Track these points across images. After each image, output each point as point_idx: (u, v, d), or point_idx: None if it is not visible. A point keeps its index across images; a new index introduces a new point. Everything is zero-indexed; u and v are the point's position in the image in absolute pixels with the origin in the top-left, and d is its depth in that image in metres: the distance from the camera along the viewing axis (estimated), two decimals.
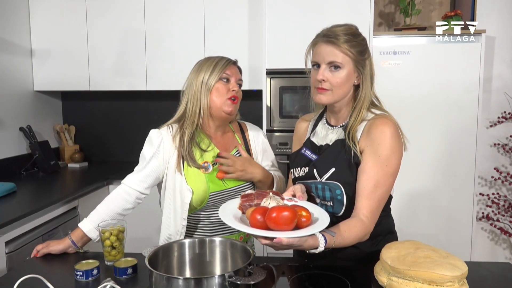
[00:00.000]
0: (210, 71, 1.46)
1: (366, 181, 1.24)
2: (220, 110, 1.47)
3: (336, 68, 1.27)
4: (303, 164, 1.39)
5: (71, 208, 2.40)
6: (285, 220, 1.01)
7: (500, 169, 2.92)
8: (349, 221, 1.21)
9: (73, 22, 3.01)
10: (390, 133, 1.26)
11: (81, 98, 3.40)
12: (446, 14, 2.72)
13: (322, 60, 1.28)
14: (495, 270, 1.30)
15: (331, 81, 1.27)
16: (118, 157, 3.41)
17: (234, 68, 1.51)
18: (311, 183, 1.35)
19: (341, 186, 1.28)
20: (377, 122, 1.28)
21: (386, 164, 1.25)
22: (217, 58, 1.51)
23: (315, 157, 1.37)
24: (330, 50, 1.26)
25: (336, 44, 1.26)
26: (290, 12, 2.62)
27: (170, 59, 2.97)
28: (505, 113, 2.88)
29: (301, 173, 1.38)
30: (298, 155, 1.43)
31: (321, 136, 1.41)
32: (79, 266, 1.23)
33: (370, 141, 1.27)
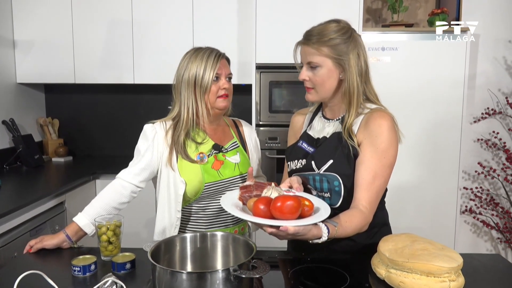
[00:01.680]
0: (202, 70, 1.43)
1: (364, 173, 1.26)
2: (213, 108, 1.48)
3: (315, 68, 1.30)
4: (300, 156, 1.40)
5: (58, 203, 2.35)
6: (290, 209, 1.02)
7: (483, 163, 3.00)
8: (349, 212, 1.24)
9: (58, 12, 2.93)
10: (387, 126, 1.29)
11: (65, 91, 3.33)
12: (432, 12, 2.77)
13: (303, 60, 1.34)
14: (486, 261, 1.33)
15: (312, 80, 1.32)
16: (105, 151, 3.36)
17: (223, 63, 1.49)
18: (309, 175, 1.36)
19: (339, 178, 1.30)
20: (374, 115, 1.31)
21: (384, 156, 1.27)
22: (207, 52, 1.47)
23: (312, 150, 1.39)
24: (306, 51, 1.31)
25: (309, 44, 1.30)
26: (280, 6, 2.63)
27: (158, 53, 2.94)
28: (488, 109, 2.96)
29: (298, 165, 1.39)
30: (294, 148, 1.45)
31: (318, 129, 1.43)
32: (76, 261, 1.21)
33: (368, 134, 1.29)
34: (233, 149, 1.56)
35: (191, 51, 1.50)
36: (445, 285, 1.09)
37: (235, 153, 1.54)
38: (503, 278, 1.22)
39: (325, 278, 1.21)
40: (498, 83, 2.96)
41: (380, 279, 1.17)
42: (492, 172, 2.96)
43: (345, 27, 1.32)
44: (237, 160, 1.53)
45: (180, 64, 1.50)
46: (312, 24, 2.76)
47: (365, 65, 1.33)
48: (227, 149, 1.53)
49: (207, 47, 1.49)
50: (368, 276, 1.20)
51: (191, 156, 1.46)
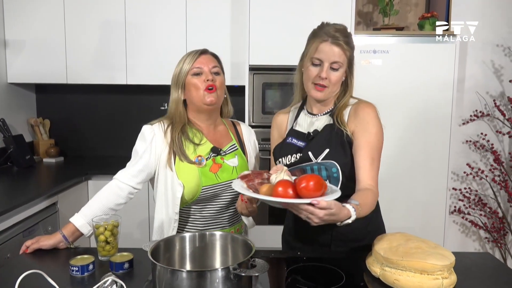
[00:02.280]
0: (180, 67, 1.49)
1: (364, 156, 1.34)
2: (201, 103, 1.48)
3: (337, 68, 1.36)
4: (293, 151, 1.45)
5: (50, 204, 2.34)
6: (316, 187, 1.06)
7: (472, 165, 3.06)
8: (360, 193, 1.29)
9: (50, 12, 2.92)
10: (374, 114, 1.40)
11: (57, 91, 3.31)
12: (423, 15, 2.82)
13: (326, 59, 1.35)
14: (477, 259, 1.37)
15: (330, 79, 1.37)
16: (97, 152, 3.35)
17: (204, 57, 1.50)
18: (306, 166, 1.41)
19: (336, 164, 1.37)
20: (362, 105, 1.42)
21: (377, 139, 1.37)
22: (189, 52, 1.53)
23: (303, 144, 1.44)
24: (336, 51, 1.34)
25: (342, 46, 1.34)
26: (274, 8, 2.65)
27: (151, 53, 2.94)
28: (477, 111, 3.02)
29: (293, 160, 1.44)
30: (284, 145, 1.49)
31: (305, 125, 1.49)
32: (75, 261, 1.22)
33: (358, 121, 1.38)
34: (232, 151, 1.56)
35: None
36: (439, 282, 1.12)
37: (233, 156, 1.55)
38: (493, 276, 1.26)
39: (321, 276, 1.24)
40: (486, 86, 3.02)
41: (375, 277, 1.20)
42: (480, 173, 3.02)
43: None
44: (235, 164, 1.54)
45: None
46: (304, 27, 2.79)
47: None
48: (225, 152, 1.54)
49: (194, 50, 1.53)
50: (363, 275, 1.23)
51: (190, 158, 1.46)
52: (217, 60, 1.54)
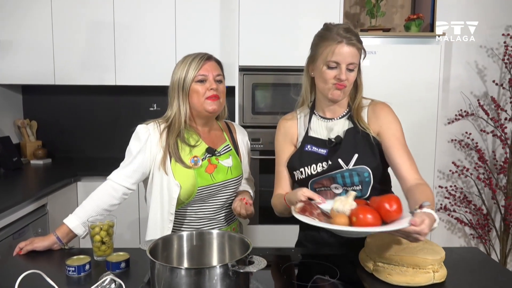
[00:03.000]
0: (184, 73, 1.46)
1: (399, 153, 1.35)
2: (202, 111, 1.48)
3: (352, 69, 1.36)
4: (316, 160, 1.40)
5: (39, 206, 2.32)
6: (398, 207, 1.07)
7: (457, 163, 3.13)
8: (417, 190, 1.27)
9: (37, 12, 2.89)
10: (392, 111, 1.44)
11: (44, 92, 3.27)
12: (409, 17, 2.88)
13: (343, 60, 1.33)
14: (465, 254, 1.41)
15: (349, 80, 1.37)
16: (85, 153, 3.32)
17: (210, 64, 1.48)
18: (336, 174, 1.38)
19: (368, 169, 1.37)
20: (379, 106, 1.45)
21: (403, 135, 1.40)
22: (192, 56, 1.49)
23: (325, 151, 1.41)
24: (351, 52, 1.33)
25: (356, 45, 1.34)
26: (263, 9, 2.67)
27: (140, 54, 2.93)
28: (461, 111, 3.09)
29: (319, 169, 1.39)
30: (303, 154, 1.44)
31: (321, 130, 1.46)
32: (71, 261, 1.22)
33: (382, 122, 1.40)
34: (226, 152, 1.57)
35: (182, 58, 1.51)
36: (430, 276, 1.16)
37: (227, 157, 1.56)
38: (481, 269, 1.30)
39: (316, 273, 1.26)
40: (470, 86, 3.09)
41: (368, 272, 1.23)
42: (466, 171, 3.09)
43: None
44: (230, 164, 1.55)
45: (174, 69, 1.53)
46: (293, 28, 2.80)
47: None
48: (220, 152, 1.55)
49: (197, 52, 1.51)
50: (357, 270, 1.26)
51: (185, 160, 1.46)
52: (220, 67, 1.53)
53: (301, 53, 2.64)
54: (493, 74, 3.07)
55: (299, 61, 2.75)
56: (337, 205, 1.13)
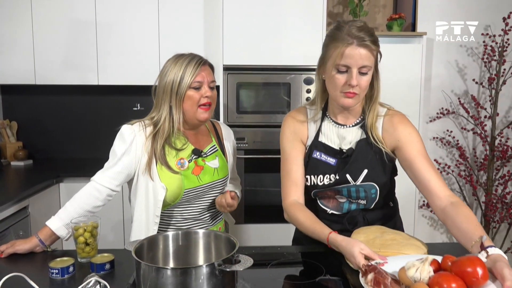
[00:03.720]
0: (180, 77, 1.40)
1: (424, 167, 1.26)
2: (193, 119, 1.45)
3: (365, 72, 1.24)
4: (324, 170, 1.35)
5: (21, 208, 2.27)
6: (484, 272, 0.93)
7: (439, 160, 3.18)
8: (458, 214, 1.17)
9: (16, 10, 2.83)
10: (410, 122, 1.35)
11: (24, 92, 3.20)
12: (391, 17, 2.91)
13: (354, 64, 1.22)
14: (447, 249, 1.42)
15: (360, 85, 1.25)
16: (67, 154, 3.27)
17: (205, 70, 1.44)
18: (342, 188, 1.35)
19: (376, 186, 1.33)
20: (397, 118, 1.34)
21: (425, 149, 1.32)
22: (186, 58, 1.43)
23: (334, 161, 1.35)
24: (364, 54, 1.21)
25: (369, 47, 1.22)
26: (247, 8, 2.67)
27: (124, 54, 2.90)
28: (443, 109, 3.14)
29: (326, 181, 1.35)
30: (311, 160, 1.38)
31: (332, 136, 1.38)
32: (54, 263, 1.20)
33: (400, 136, 1.31)
34: (212, 153, 1.55)
35: (173, 57, 1.46)
36: None
37: (214, 158, 1.55)
38: None
39: (302, 271, 1.27)
40: (451, 85, 3.15)
41: (353, 269, 1.24)
42: (447, 168, 3.15)
43: None
44: (216, 165, 1.54)
45: (161, 69, 1.47)
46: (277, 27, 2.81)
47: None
48: (206, 154, 1.53)
49: (190, 53, 1.46)
50: (342, 267, 1.27)
51: (171, 164, 1.44)
52: (213, 71, 1.50)
53: (285, 52, 2.69)
54: (473, 73, 3.13)
55: (283, 60, 2.78)
56: (412, 273, 0.99)
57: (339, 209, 1.41)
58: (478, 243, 1.06)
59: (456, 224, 1.16)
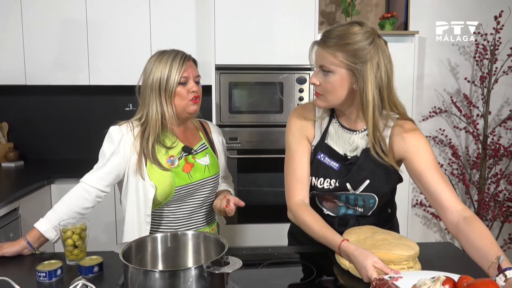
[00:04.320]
0: (167, 73, 1.40)
1: (434, 179, 1.23)
2: (183, 112, 1.46)
3: (327, 72, 1.22)
4: (326, 174, 1.34)
5: (11, 210, 2.25)
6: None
7: None
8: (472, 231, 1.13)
9: (5, 9, 2.80)
10: (420, 132, 1.31)
11: (14, 93, 3.17)
12: (383, 16, 2.91)
13: (316, 62, 1.25)
14: (439, 248, 1.44)
15: (322, 85, 1.24)
16: (59, 155, 3.24)
17: (189, 65, 1.46)
18: (341, 194, 1.34)
19: (375, 197, 1.32)
20: (406, 128, 1.28)
21: (435, 160, 1.28)
22: (171, 54, 1.44)
23: (337, 165, 1.33)
24: (321, 53, 1.23)
25: (324, 47, 1.21)
26: (239, 7, 2.65)
27: (115, 53, 2.88)
28: (435, 108, 3.15)
29: (326, 186, 1.34)
30: (314, 161, 1.36)
31: (338, 141, 1.36)
32: (41, 267, 1.18)
33: (409, 147, 1.27)
34: (202, 150, 1.56)
35: (156, 54, 1.46)
36: (404, 271, 1.17)
37: (204, 155, 1.55)
38: (455, 263, 1.32)
39: (293, 272, 1.26)
40: (443, 84, 3.16)
41: (344, 269, 1.23)
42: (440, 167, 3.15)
43: (368, 32, 1.21)
44: (207, 162, 1.54)
45: (145, 68, 1.47)
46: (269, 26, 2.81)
47: (386, 76, 1.22)
48: (196, 151, 1.53)
49: (173, 50, 1.46)
50: (333, 268, 1.26)
51: (162, 162, 1.44)
52: (196, 65, 1.51)
53: (278, 51, 2.68)
54: (465, 71, 3.14)
55: (275, 60, 2.77)
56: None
57: (336, 211, 1.40)
58: (495, 264, 1.01)
59: (470, 242, 1.11)
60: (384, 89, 1.22)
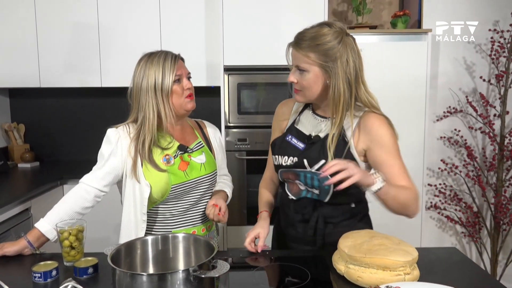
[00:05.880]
0: (161, 74, 1.42)
1: (392, 170, 1.32)
2: (181, 109, 1.48)
3: (302, 71, 1.34)
4: (289, 152, 1.43)
5: (23, 210, 2.30)
6: None
7: (446, 160, 3.10)
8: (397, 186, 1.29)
9: (21, 14, 2.87)
10: (385, 125, 1.36)
11: (31, 96, 3.26)
12: (395, 14, 2.85)
13: (293, 62, 1.37)
14: (442, 254, 1.39)
15: (300, 83, 1.36)
16: (72, 156, 3.30)
17: (180, 63, 1.48)
18: (300, 172, 1.41)
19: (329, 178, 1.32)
20: (371, 120, 1.36)
21: (394, 149, 1.35)
22: (162, 56, 1.45)
23: (302, 146, 1.41)
24: (295, 55, 1.34)
25: (298, 49, 1.33)
26: (247, 8, 2.65)
27: (125, 56, 2.91)
28: (450, 107, 3.06)
29: (289, 162, 1.42)
30: (283, 142, 1.46)
31: (308, 125, 1.45)
32: (37, 267, 1.20)
33: (372, 138, 1.34)
34: (198, 149, 1.56)
35: (145, 57, 1.47)
36: (400, 278, 1.13)
37: (200, 153, 1.55)
38: (457, 270, 1.28)
39: (287, 276, 1.24)
40: (458, 83, 3.07)
41: (340, 275, 1.21)
42: (455, 169, 3.07)
43: (337, 32, 1.31)
44: (203, 160, 1.54)
45: (135, 71, 1.48)
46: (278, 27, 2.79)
47: (355, 71, 1.33)
48: (192, 149, 1.54)
49: (160, 51, 1.48)
50: (329, 273, 1.24)
51: (157, 162, 1.45)
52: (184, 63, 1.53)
53: None
54: (481, 70, 3.04)
55: (284, 60, 2.73)
56: None
57: (298, 195, 1.46)
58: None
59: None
60: (353, 83, 1.33)
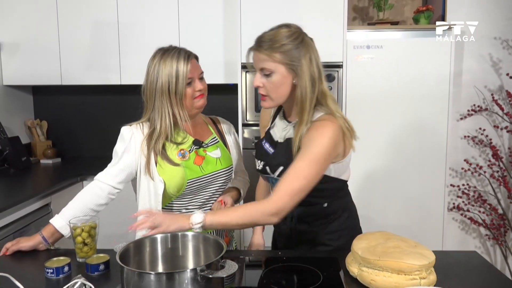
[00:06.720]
0: (174, 76, 1.39)
1: (289, 169, 1.26)
2: (192, 109, 1.47)
3: (269, 74, 1.30)
4: (260, 157, 1.46)
5: (43, 205, 2.35)
6: None
7: (470, 160, 3.01)
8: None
9: (43, 13, 2.93)
10: (324, 133, 1.26)
11: (53, 93, 3.32)
12: (418, 9, 2.78)
13: (255, 66, 1.33)
14: (461, 258, 1.34)
15: (266, 86, 1.32)
16: (92, 152, 3.36)
17: (193, 64, 1.44)
18: (268, 177, 1.45)
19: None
20: (317, 124, 1.30)
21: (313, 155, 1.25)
22: (175, 55, 1.42)
23: (272, 150, 1.42)
24: (259, 57, 1.30)
25: (261, 51, 1.29)
26: (265, 6, 2.62)
27: (144, 53, 2.85)
28: (475, 106, 2.96)
29: (260, 167, 1.45)
30: (258, 147, 1.49)
31: (278, 130, 1.45)
32: (50, 263, 1.21)
33: (306, 139, 1.29)
34: (213, 144, 1.56)
35: (158, 55, 1.45)
36: (416, 282, 1.09)
37: (215, 148, 1.54)
38: (476, 275, 1.23)
39: (299, 277, 1.22)
40: (484, 80, 2.96)
41: (353, 277, 1.18)
42: (479, 169, 2.97)
43: (296, 32, 1.32)
44: (218, 155, 1.53)
45: (149, 68, 1.47)
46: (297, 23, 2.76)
47: (318, 69, 1.32)
48: (207, 144, 1.53)
49: (174, 48, 1.45)
50: (342, 275, 1.21)
51: (172, 158, 1.44)
52: (197, 60, 1.50)
53: None
54: (508, 67, 2.93)
55: None
56: None
57: None
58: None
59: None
60: (317, 80, 1.31)
